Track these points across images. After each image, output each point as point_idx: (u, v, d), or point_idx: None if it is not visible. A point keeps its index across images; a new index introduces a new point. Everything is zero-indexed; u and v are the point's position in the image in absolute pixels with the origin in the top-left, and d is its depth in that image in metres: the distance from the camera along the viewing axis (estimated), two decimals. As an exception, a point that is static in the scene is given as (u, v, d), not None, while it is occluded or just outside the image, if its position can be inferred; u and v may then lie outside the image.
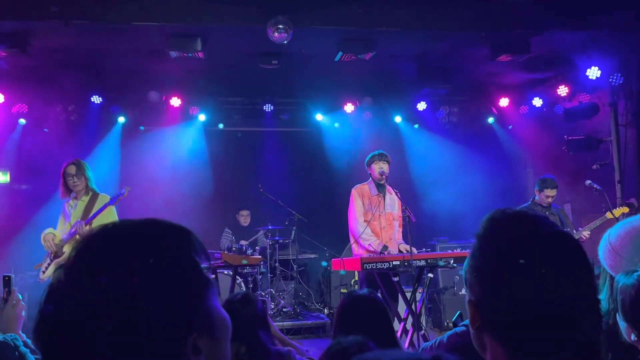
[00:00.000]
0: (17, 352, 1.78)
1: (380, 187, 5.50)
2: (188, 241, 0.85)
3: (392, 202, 5.50)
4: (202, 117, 8.56)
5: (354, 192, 5.51)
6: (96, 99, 7.78)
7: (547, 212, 6.15)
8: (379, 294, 5.12)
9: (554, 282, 0.94)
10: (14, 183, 8.06)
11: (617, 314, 1.45)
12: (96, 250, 0.80)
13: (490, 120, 8.91)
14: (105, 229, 0.83)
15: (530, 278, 0.95)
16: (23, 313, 1.96)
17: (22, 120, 7.84)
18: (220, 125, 8.95)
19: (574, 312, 0.94)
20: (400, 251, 5.26)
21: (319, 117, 8.86)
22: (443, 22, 6.04)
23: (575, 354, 0.94)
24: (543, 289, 0.94)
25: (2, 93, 7.40)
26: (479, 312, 1.00)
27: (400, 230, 5.58)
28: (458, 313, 2.05)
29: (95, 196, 4.97)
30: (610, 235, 1.48)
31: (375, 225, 5.34)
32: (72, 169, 4.93)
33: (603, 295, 1.49)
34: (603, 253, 1.48)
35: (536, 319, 0.94)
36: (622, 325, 1.44)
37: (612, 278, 1.45)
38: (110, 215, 4.87)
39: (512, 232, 1.00)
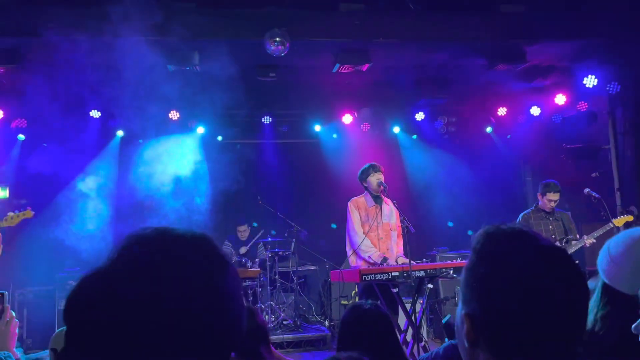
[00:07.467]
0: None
1: (377, 199, 5.48)
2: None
3: (390, 212, 5.48)
4: (200, 130, 8.56)
5: (351, 205, 5.49)
6: (95, 114, 7.79)
7: (550, 218, 6.11)
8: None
9: (551, 298, 0.94)
10: (13, 198, 8.04)
11: None
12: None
13: (489, 129, 8.92)
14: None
15: (527, 294, 0.94)
16: (17, 330, 1.94)
17: (21, 136, 7.85)
18: (219, 138, 8.95)
19: (571, 329, 0.93)
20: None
21: (317, 128, 8.88)
22: (439, 33, 6.07)
23: None
24: (540, 305, 0.93)
25: (0, 109, 7.41)
26: (474, 326, 0.99)
27: (400, 241, 5.52)
28: (448, 316, 2.03)
29: None
30: (610, 246, 1.47)
31: (372, 236, 5.31)
32: None
33: (592, 301, 1.47)
34: (602, 263, 1.47)
35: (532, 335, 0.93)
36: None
37: (606, 286, 1.44)
38: None
39: (510, 248, 0.99)
